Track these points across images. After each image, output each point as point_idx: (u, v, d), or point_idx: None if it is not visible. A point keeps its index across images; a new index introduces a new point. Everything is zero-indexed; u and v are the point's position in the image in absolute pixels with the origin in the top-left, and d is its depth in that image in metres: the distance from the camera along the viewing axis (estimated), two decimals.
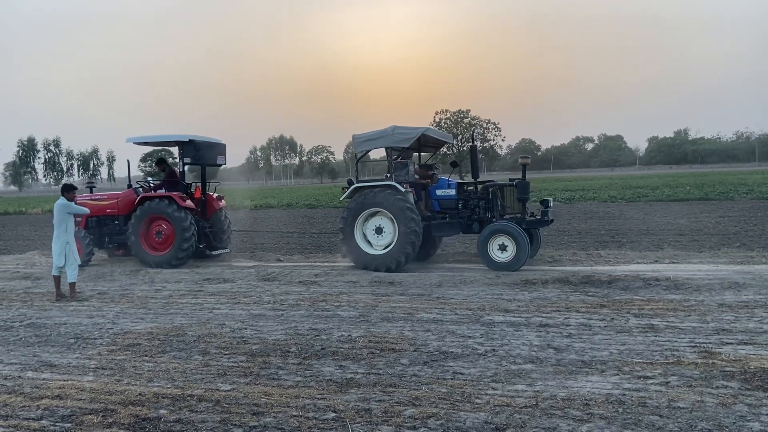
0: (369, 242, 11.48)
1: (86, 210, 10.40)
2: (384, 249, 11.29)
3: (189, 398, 4.98)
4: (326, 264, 12.58)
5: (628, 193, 35.64)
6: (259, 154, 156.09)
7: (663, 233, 16.61)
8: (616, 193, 36.27)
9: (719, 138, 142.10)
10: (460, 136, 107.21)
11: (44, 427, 4.51)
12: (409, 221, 10.90)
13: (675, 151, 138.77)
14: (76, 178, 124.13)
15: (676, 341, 6.19)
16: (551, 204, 11.52)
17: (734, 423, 4.19)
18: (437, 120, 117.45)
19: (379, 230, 11.36)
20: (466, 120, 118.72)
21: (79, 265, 12.29)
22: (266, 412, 4.64)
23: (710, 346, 5.99)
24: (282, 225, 24.20)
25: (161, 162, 14.32)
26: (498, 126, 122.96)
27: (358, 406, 4.71)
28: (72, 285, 9.55)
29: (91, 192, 14.02)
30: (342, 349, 6.26)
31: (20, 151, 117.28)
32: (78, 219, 13.25)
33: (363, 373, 5.50)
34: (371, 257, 11.30)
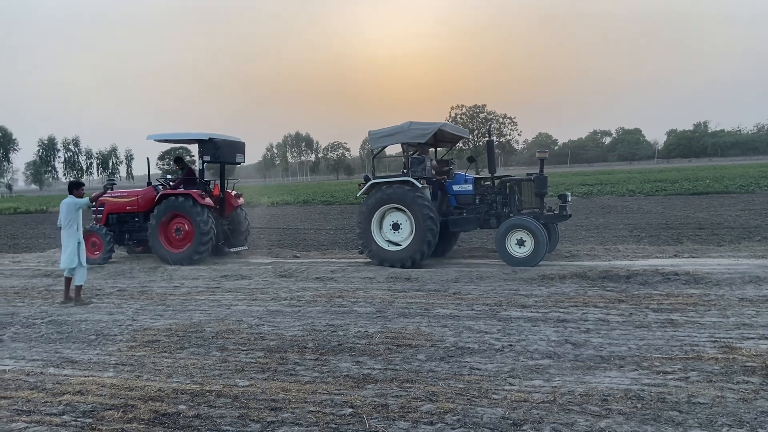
0: (386, 238, 11.47)
1: (87, 201, 9.43)
2: (401, 245, 11.28)
3: (207, 394, 5.02)
4: (343, 260, 12.61)
5: (647, 186, 35.26)
6: (275, 151, 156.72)
7: (682, 227, 16.40)
8: (634, 186, 35.89)
9: (739, 130, 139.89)
10: (476, 131, 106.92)
11: (66, 422, 4.58)
12: (426, 217, 10.88)
13: (694, 144, 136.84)
14: (95, 177, 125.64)
15: (695, 336, 6.13)
16: (569, 198, 11.41)
17: (755, 418, 4.13)
18: (453, 115, 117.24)
19: (396, 226, 11.34)
20: (482, 115, 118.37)
21: (99, 263, 12.53)
22: (284, 407, 4.67)
23: (731, 341, 5.91)
24: (298, 221, 24.28)
25: (179, 160, 14.47)
26: (514, 120, 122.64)
27: (375, 401, 4.72)
28: (79, 288, 9.21)
29: (111, 189, 14.17)
30: (359, 345, 6.28)
31: (41, 150, 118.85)
32: (98, 216, 13.47)
33: (380, 369, 5.51)
34: (389, 253, 11.29)
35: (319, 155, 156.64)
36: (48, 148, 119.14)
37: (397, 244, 11.34)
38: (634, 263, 10.46)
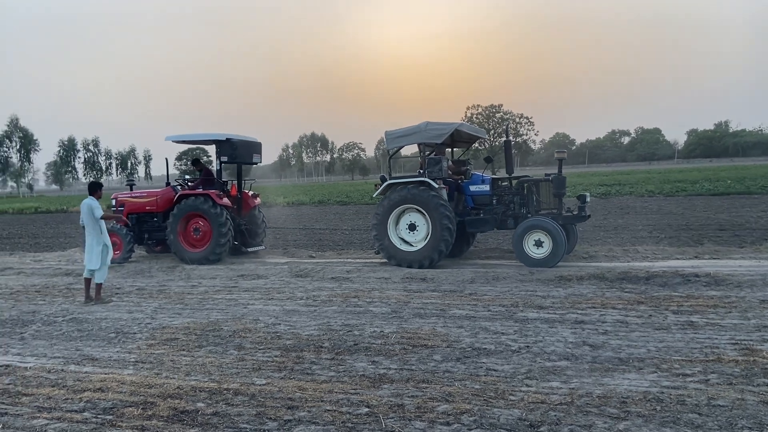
0: (402, 239, 11.47)
1: (100, 214, 9.22)
2: (418, 245, 11.26)
3: (225, 392, 5.06)
4: (358, 260, 12.63)
5: (667, 187, 34.85)
6: (291, 151, 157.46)
7: (703, 228, 16.20)
8: (653, 187, 35.49)
9: (761, 130, 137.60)
10: (492, 131, 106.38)
11: (86, 419, 4.64)
12: (443, 217, 10.86)
13: (715, 143, 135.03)
14: (114, 177, 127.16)
15: (716, 338, 6.05)
16: (588, 199, 11.31)
17: None
18: (469, 115, 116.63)
19: (412, 227, 11.33)
20: (498, 115, 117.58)
21: (119, 262, 12.66)
22: (300, 406, 4.69)
23: (751, 343, 5.83)
24: (314, 222, 24.36)
25: (196, 162, 14.60)
26: (531, 120, 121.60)
27: (391, 401, 4.72)
28: (99, 286, 9.28)
29: (131, 189, 14.34)
30: (374, 345, 6.29)
31: (61, 150, 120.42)
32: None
33: (396, 369, 5.51)
34: (405, 254, 11.28)
35: (335, 155, 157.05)
36: (68, 148, 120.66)
37: (414, 245, 11.32)
38: (653, 264, 10.35)
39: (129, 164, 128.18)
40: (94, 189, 9.39)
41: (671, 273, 9.14)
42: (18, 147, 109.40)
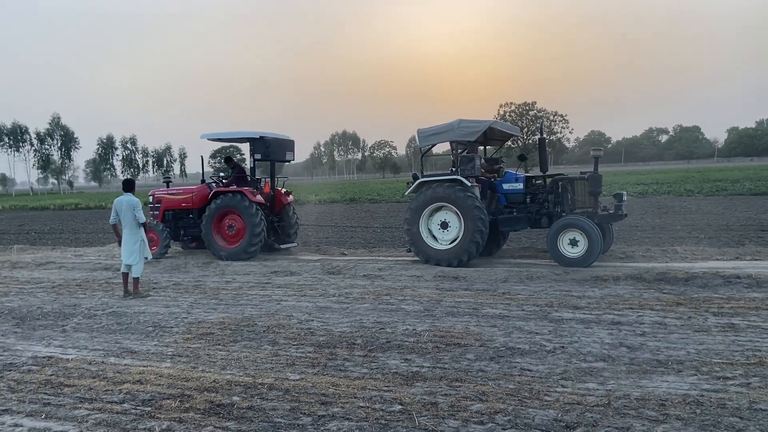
0: (434, 237, 11.43)
1: (142, 220, 9.44)
2: (449, 244, 11.21)
3: (260, 386, 5.12)
4: (390, 258, 12.64)
5: (706, 186, 34.00)
6: (322, 149, 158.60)
7: (744, 229, 15.76)
8: (693, 186, 34.67)
9: None
10: (525, 129, 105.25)
11: (126, 410, 4.74)
12: (475, 216, 10.78)
13: (756, 142, 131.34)
14: (150, 174, 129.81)
15: (758, 341, 5.89)
16: (625, 198, 11.09)
17: None
18: (502, 113, 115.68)
19: (444, 225, 11.29)
20: (531, 112, 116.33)
21: (156, 258, 12.90)
22: (334, 402, 4.72)
23: None
24: (345, 219, 24.46)
25: (229, 160, 14.81)
26: (565, 118, 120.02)
27: (425, 399, 4.71)
28: (136, 280, 9.47)
29: (168, 186, 14.60)
30: (407, 343, 6.28)
31: (100, 148, 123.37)
32: (155, 213, 13.90)
33: (429, 367, 5.50)
34: (437, 252, 11.24)
35: (366, 153, 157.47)
36: (107, 146, 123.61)
37: (446, 243, 11.27)
38: (692, 265, 10.10)
39: (165, 162, 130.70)
40: (132, 186, 9.63)
41: (711, 274, 8.92)
42: (59, 145, 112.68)
